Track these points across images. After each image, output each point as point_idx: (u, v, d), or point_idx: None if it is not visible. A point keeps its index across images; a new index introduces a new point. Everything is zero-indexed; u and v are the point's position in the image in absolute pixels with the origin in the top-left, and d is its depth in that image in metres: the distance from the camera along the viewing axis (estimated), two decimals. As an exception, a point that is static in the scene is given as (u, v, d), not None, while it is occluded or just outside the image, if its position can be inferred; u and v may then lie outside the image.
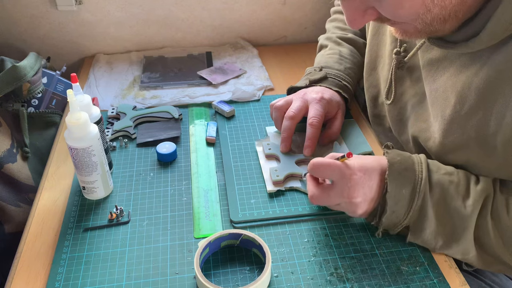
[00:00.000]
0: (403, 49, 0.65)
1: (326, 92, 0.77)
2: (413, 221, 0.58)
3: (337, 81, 0.80)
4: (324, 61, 0.84)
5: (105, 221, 0.65)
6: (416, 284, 0.56)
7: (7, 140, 0.79)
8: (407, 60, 0.65)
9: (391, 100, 0.69)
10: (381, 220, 0.58)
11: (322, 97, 0.75)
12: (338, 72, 0.81)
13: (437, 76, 0.59)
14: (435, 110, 0.60)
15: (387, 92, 0.70)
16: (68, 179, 0.73)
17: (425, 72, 0.62)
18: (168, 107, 0.87)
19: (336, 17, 0.95)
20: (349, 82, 0.81)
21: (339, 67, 0.82)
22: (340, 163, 0.58)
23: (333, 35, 0.89)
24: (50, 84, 0.89)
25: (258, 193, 0.69)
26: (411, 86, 0.66)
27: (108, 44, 1.09)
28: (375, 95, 0.76)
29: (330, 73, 0.81)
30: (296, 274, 0.58)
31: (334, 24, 0.93)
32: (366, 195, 0.57)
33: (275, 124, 0.79)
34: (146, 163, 0.76)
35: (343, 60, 0.84)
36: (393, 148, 0.61)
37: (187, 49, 1.11)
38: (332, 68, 0.82)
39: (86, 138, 0.62)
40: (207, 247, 0.58)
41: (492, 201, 0.56)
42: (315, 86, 0.79)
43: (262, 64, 1.05)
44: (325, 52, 0.87)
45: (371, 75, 0.76)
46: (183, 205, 0.68)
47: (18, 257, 0.61)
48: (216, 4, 1.08)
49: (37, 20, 1.03)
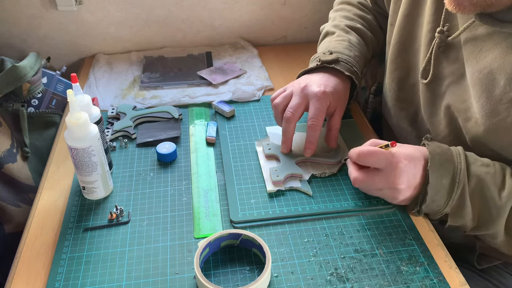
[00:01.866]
0: (446, 29, 0.65)
1: (329, 83, 0.73)
2: (452, 209, 0.61)
3: (349, 66, 0.76)
4: (333, 46, 0.80)
5: (105, 221, 0.65)
6: (416, 284, 0.56)
7: (7, 140, 0.79)
8: (451, 39, 0.64)
9: (428, 80, 0.68)
10: (421, 208, 0.62)
11: (324, 91, 0.71)
12: (348, 57, 0.78)
13: (481, 57, 0.60)
14: (478, 91, 0.60)
15: (423, 71, 0.69)
16: (68, 179, 0.73)
17: (467, 53, 0.62)
18: (168, 107, 0.87)
19: (343, 7, 0.91)
20: (359, 70, 0.79)
21: (349, 53, 0.79)
22: (387, 151, 0.61)
23: (340, 23, 0.86)
24: (50, 84, 0.89)
25: (258, 193, 0.69)
26: (448, 66, 0.66)
27: (108, 44, 1.09)
28: (403, 77, 0.75)
29: (341, 57, 0.77)
30: (296, 274, 0.58)
31: (341, 13, 0.90)
32: (410, 182, 0.60)
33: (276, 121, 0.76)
34: (146, 163, 0.76)
35: (352, 47, 0.80)
36: (432, 140, 0.63)
37: (187, 49, 1.11)
38: (342, 54, 0.78)
39: (86, 138, 0.62)
40: (207, 247, 0.58)
41: None
42: (319, 74, 0.75)
43: (262, 64, 1.05)
44: (333, 38, 0.83)
45: (399, 56, 0.75)
46: (183, 205, 0.68)
47: (18, 257, 0.61)
48: (216, 4, 1.08)
49: (37, 20, 1.03)
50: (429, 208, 0.62)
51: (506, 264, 0.75)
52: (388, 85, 0.79)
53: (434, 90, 0.69)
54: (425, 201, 0.61)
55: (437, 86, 0.69)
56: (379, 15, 0.89)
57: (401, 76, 0.76)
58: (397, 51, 0.75)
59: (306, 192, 0.69)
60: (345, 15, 0.88)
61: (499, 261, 0.75)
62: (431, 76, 0.68)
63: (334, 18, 0.90)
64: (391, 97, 0.79)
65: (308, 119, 0.71)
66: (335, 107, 0.73)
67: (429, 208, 0.62)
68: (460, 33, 0.63)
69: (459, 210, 0.60)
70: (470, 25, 0.61)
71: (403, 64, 0.75)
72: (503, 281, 0.73)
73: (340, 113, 0.74)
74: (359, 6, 0.89)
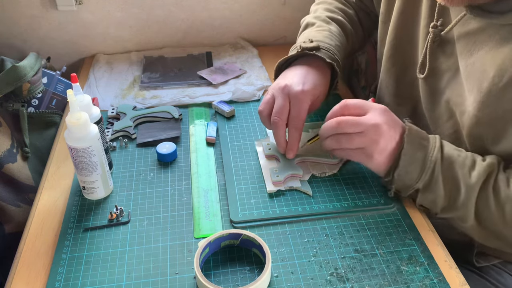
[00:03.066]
0: (440, 23, 0.66)
1: (308, 80, 0.72)
2: (423, 185, 0.62)
3: (330, 54, 0.76)
4: (313, 35, 0.80)
5: (105, 221, 0.65)
6: (416, 284, 0.56)
7: (7, 140, 0.79)
8: (444, 34, 0.66)
9: (424, 74, 0.69)
10: (394, 176, 0.63)
11: (303, 90, 0.70)
12: (329, 45, 0.77)
13: (474, 51, 0.60)
14: (470, 84, 0.61)
15: (420, 66, 0.70)
16: (68, 179, 0.73)
17: (460, 47, 0.63)
18: (168, 107, 0.87)
19: (325, 0, 0.92)
20: (340, 59, 0.78)
21: (330, 42, 0.78)
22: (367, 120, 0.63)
23: (321, 14, 0.86)
24: (50, 84, 0.89)
25: (258, 193, 0.69)
26: (445, 61, 0.67)
27: (108, 44, 1.09)
28: (401, 73, 0.76)
29: (322, 45, 0.76)
30: (296, 274, 0.58)
31: (323, 6, 0.90)
32: (387, 145, 0.63)
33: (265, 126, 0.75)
34: (146, 163, 0.76)
35: (333, 37, 0.80)
36: None
37: (187, 49, 1.11)
38: (323, 42, 0.77)
39: (86, 138, 0.62)
40: (207, 247, 0.58)
41: (495, 177, 0.60)
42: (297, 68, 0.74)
43: (262, 64, 1.05)
44: (313, 29, 0.83)
45: (396, 53, 0.76)
46: (183, 205, 0.68)
47: (18, 257, 0.61)
48: (216, 4, 1.08)
49: (37, 20, 1.03)
50: (402, 181, 0.63)
51: (504, 263, 0.75)
52: (385, 82, 0.80)
53: (433, 85, 0.70)
54: (398, 166, 0.62)
55: (436, 81, 0.69)
56: (361, 11, 0.90)
57: (398, 72, 0.77)
58: (394, 48, 0.76)
59: (306, 192, 0.69)
60: (326, 8, 0.89)
61: (498, 259, 0.75)
62: (428, 71, 0.69)
63: (316, 11, 0.90)
64: (388, 93, 0.80)
65: (289, 120, 0.70)
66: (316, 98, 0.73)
67: (401, 180, 0.63)
68: (453, 27, 0.64)
69: (429, 186, 0.62)
70: (461, 18, 0.61)
71: (400, 61, 0.76)
72: (502, 280, 0.73)
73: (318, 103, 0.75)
74: (341, 0, 0.91)
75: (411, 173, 0.62)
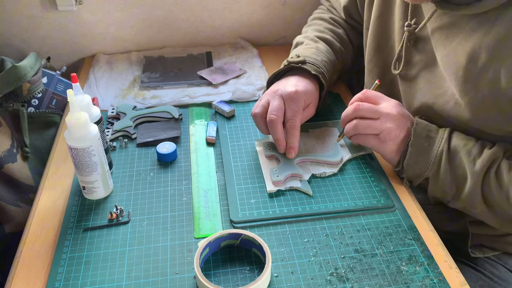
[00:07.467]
0: (414, 22, 0.70)
1: (300, 83, 0.75)
2: (432, 174, 0.66)
3: (315, 67, 0.79)
4: (300, 52, 0.83)
5: (105, 221, 0.65)
6: (416, 284, 0.56)
7: (7, 140, 0.79)
8: (418, 31, 0.70)
9: (399, 69, 0.74)
10: (403, 167, 0.68)
11: (296, 90, 0.73)
12: (315, 60, 0.80)
13: (447, 43, 0.65)
14: (449, 74, 0.65)
15: (394, 62, 0.75)
16: (68, 179, 0.73)
17: (435, 41, 0.67)
18: (168, 107, 0.87)
19: (316, 22, 0.96)
20: (326, 73, 0.81)
21: (316, 57, 0.81)
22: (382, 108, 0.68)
23: (310, 34, 0.90)
24: (50, 84, 0.89)
25: (258, 193, 0.69)
26: (420, 57, 0.71)
27: (108, 44, 1.09)
28: (381, 74, 0.79)
29: (308, 59, 0.79)
30: (296, 274, 0.58)
31: (313, 27, 0.94)
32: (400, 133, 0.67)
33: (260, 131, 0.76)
34: (146, 163, 0.76)
35: (320, 53, 0.83)
36: None
37: (187, 49, 1.11)
38: (309, 57, 0.81)
39: (86, 138, 0.62)
40: (207, 247, 0.58)
41: (498, 163, 0.63)
42: (288, 78, 0.77)
43: (262, 64, 1.05)
44: (302, 47, 0.86)
45: (375, 55, 0.80)
46: (183, 205, 0.68)
47: (18, 257, 0.61)
48: (216, 4, 1.08)
49: (37, 20, 1.03)
50: (412, 170, 0.67)
51: (499, 256, 0.77)
52: (368, 83, 0.83)
53: (410, 81, 0.73)
54: (407, 156, 0.66)
55: (413, 77, 0.73)
56: (350, 29, 0.93)
57: (379, 73, 0.81)
58: (373, 51, 0.80)
59: (306, 192, 0.69)
60: (316, 28, 0.93)
61: (493, 251, 0.77)
62: (402, 67, 0.73)
63: (306, 31, 0.95)
64: None
65: (286, 121, 0.72)
66: (308, 104, 0.76)
67: (411, 169, 0.67)
68: (425, 23, 0.68)
69: (439, 174, 0.65)
70: (432, 14, 0.66)
71: (379, 63, 0.80)
72: (496, 273, 0.75)
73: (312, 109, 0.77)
74: (330, 21, 0.94)
75: (419, 163, 0.66)
